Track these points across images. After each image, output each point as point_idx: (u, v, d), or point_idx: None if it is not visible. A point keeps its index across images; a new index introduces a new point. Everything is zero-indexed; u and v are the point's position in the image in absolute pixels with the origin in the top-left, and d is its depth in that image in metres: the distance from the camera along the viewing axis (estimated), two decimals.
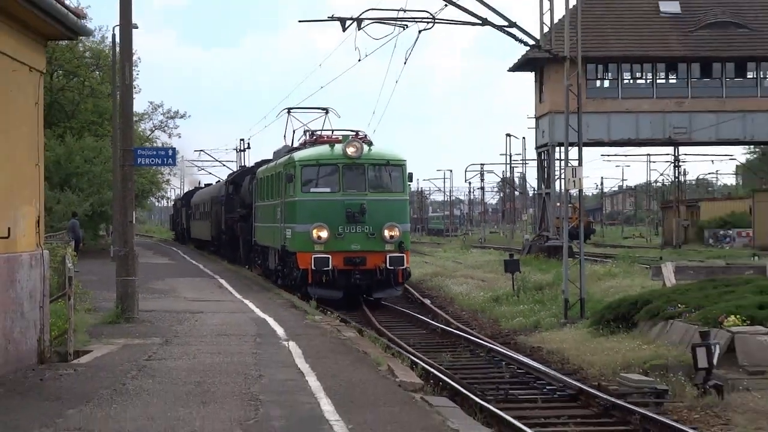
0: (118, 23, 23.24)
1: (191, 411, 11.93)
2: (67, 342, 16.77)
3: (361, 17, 23.65)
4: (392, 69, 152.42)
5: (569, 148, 28.32)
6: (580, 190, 28.69)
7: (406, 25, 24.84)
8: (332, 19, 25.98)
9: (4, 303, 14.36)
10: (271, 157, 37.74)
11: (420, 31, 26.95)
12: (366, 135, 29.33)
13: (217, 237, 48.54)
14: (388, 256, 25.23)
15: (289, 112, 36.99)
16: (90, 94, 42.52)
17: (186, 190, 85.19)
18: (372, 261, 25.33)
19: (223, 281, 36.33)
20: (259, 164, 38.59)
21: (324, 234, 24.83)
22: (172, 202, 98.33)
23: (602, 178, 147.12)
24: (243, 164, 65.72)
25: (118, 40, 26.81)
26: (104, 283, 26.24)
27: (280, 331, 20.97)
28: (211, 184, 64.13)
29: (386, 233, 25.24)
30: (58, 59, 34.97)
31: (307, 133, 32.53)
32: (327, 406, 12.27)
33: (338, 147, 26.21)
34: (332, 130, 31.80)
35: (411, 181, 31.33)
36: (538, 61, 49.17)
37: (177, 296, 30.03)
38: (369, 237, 25.42)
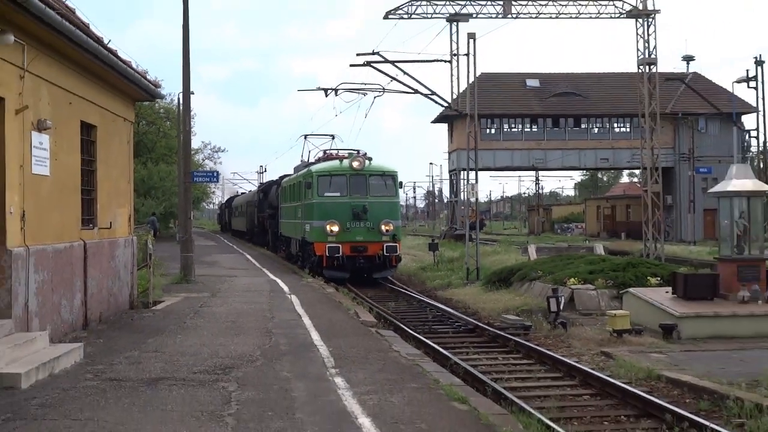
0: (181, 91, 28.85)
1: (228, 339, 13.82)
2: (148, 295, 19.43)
3: (337, 88, 33.36)
4: (357, 121, 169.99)
5: (469, 172, 37.28)
6: (476, 199, 37.90)
7: (366, 93, 34.29)
8: (319, 89, 34.52)
9: (108, 270, 16.59)
10: (290, 172, 41.56)
11: (375, 97, 36.86)
12: (366, 153, 31.90)
13: (250, 229, 55.61)
14: (385, 245, 28.44)
15: (305, 138, 40.60)
16: (163, 136, 50.25)
17: (226, 197, 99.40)
18: (372, 249, 28.57)
19: (249, 257, 40.35)
20: (282, 177, 42.54)
21: (335, 228, 27.94)
22: (218, 206, 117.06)
23: (490, 191, 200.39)
24: (261, 182, 77.07)
25: (181, 101, 31.38)
26: (172, 258, 30.14)
27: (285, 288, 24.04)
28: (245, 192, 77.03)
29: (383, 227, 28.52)
30: (143, 113, 40.48)
31: (322, 152, 35.59)
32: (315, 336, 14.39)
33: (345, 161, 29.78)
34: (338, 150, 35.17)
35: (401, 187, 34.50)
36: (449, 116, 62.18)
37: (219, 266, 33.96)
38: (370, 230, 28.56)
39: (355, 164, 29.05)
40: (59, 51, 13.27)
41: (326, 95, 32.39)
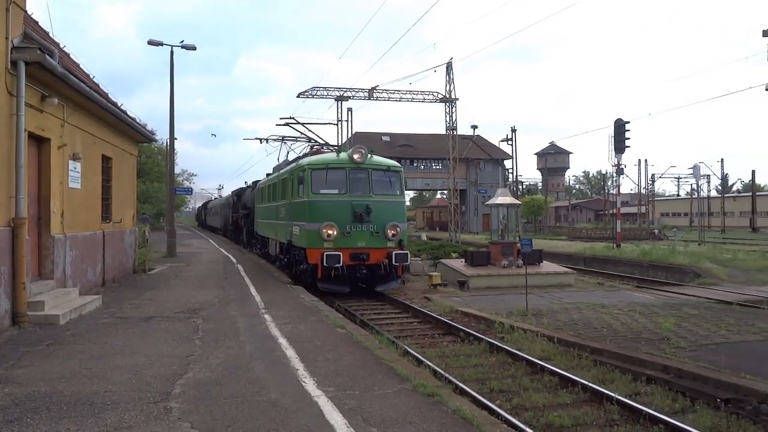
0: (168, 137, 26.21)
1: (198, 292, 13.57)
2: (145, 265, 18.71)
3: (268, 138, 26.44)
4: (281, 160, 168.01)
5: None
6: None
7: (286, 142, 26.05)
8: (257, 139, 28.58)
9: (119, 249, 16.22)
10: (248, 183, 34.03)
11: (291, 145, 27.50)
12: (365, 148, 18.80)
13: (224, 227, 45.11)
14: (393, 253, 15.87)
15: (283, 140, 28.38)
16: (156, 165, 47.37)
17: (198, 204, 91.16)
18: (375, 256, 16.02)
19: (212, 242, 38.41)
20: (255, 182, 29.72)
21: (333, 232, 15.64)
22: (192, 209, 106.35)
23: None
24: (221, 194, 73.56)
25: (168, 143, 27.41)
26: (161, 242, 27.25)
27: (234, 260, 23.19)
28: (218, 197, 68.49)
29: (389, 231, 16.12)
30: (143, 150, 38.36)
31: (309, 147, 22.09)
32: (253, 290, 14.05)
33: (344, 154, 16.98)
34: (328, 144, 22.26)
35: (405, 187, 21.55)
36: None
37: (193, 246, 32.08)
38: (374, 235, 16.06)
39: (356, 156, 16.73)
40: (88, 110, 12.93)
41: (260, 143, 30.63)
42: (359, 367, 6.98)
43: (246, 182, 39.50)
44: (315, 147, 21.34)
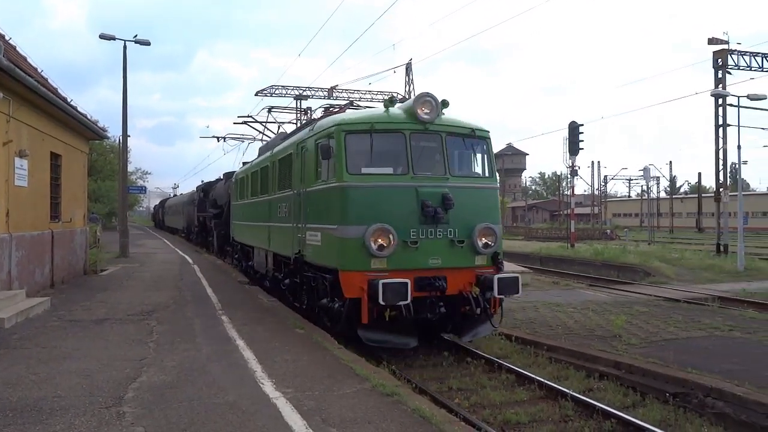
0: (121, 134, 25.67)
1: (152, 294, 13.26)
2: (97, 266, 18.27)
3: (225, 136, 26.75)
4: (237, 160, 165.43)
5: None
6: None
7: (243, 141, 26.96)
8: (213, 137, 28.86)
9: (68, 249, 15.70)
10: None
11: (248, 144, 29.00)
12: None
13: (188, 227, 37.63)
14: (494, 278, 8.37)
15: (269, 111, 23.69)
16: (108, 163, 45.49)
17: (152, 203, 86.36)
18: (457, 283, 8.46)
19: (167, 242, 37.55)
20: (229, 174, 22.82)
21: (390, 241, 8.04)
22: (148, 208, 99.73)
23: None
24: (175, 194, 67.89)
25: (121, 141, 26.99)
26: (114, 242, 26.69)
27: (190, 260, 22.75)
28: (178, 195, 60.56)
29: (479, 239, 8.62)
30: (94, 147, 36.43)
31: (323, 109, 13.06)
32: (209, 291, 13.88)
33: (399, 108, 9.00)
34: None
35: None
36: None
37: (146, 247, 31.13)
38: (455, 245, 8.48)
39: (424, 111, 8.59)
40: (36, 105, 12.60)
41: (218, 141, 29.48)
42: (318, 367, 6.94)
43: (201, 181, 37.28)
44: (337, 108, 12.23)
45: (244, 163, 18.80)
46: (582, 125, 31.65)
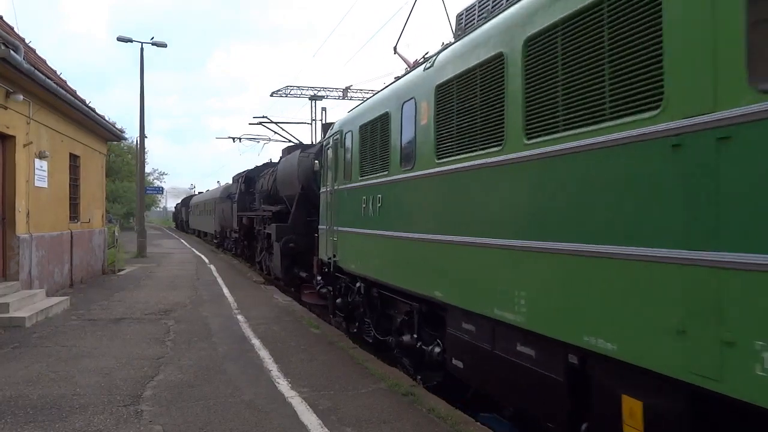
0: (138, 135, 25.50)
1: (168, 293, 13.30)
2: (115, 266, 18.53)
3: (240, 137, 26.72)
4: (253, 160, 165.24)
5: None
6: None
7: (259, 141, 27.27)
8: (229, 138, 29.13)
9: (87, 249, 15.87)
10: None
11: (264, 144, 30.38)
12: None
13: (221, 232, 29.49)
14: None
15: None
16: (125, 164, 45.61)
17: (171, 204, 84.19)
18: None
19: (184, 242, 37.34)
20: (312, 147, 14.62)
21: None
22: (169, 207, 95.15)
23: None
24: (194, 193, 60.01)
25: (138, 142, 26.26)
26: (132, 242, 27.17)
27: (207, 260, 22.72)
28: (202, 192, 49.27)
29: None
30: (112, 149, 36.93)
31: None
32: (225, 291, 13.85)
33: None
34: None
35: None
36: None
37: (163, 247, 31.28)
38: None
39: None
40: (55, 107, 12.71)
41: (233, 142, 29.89)
42: (334, 367, 6.95)
43: (217, 182, 34.13)
44: None
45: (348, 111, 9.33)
46: None
